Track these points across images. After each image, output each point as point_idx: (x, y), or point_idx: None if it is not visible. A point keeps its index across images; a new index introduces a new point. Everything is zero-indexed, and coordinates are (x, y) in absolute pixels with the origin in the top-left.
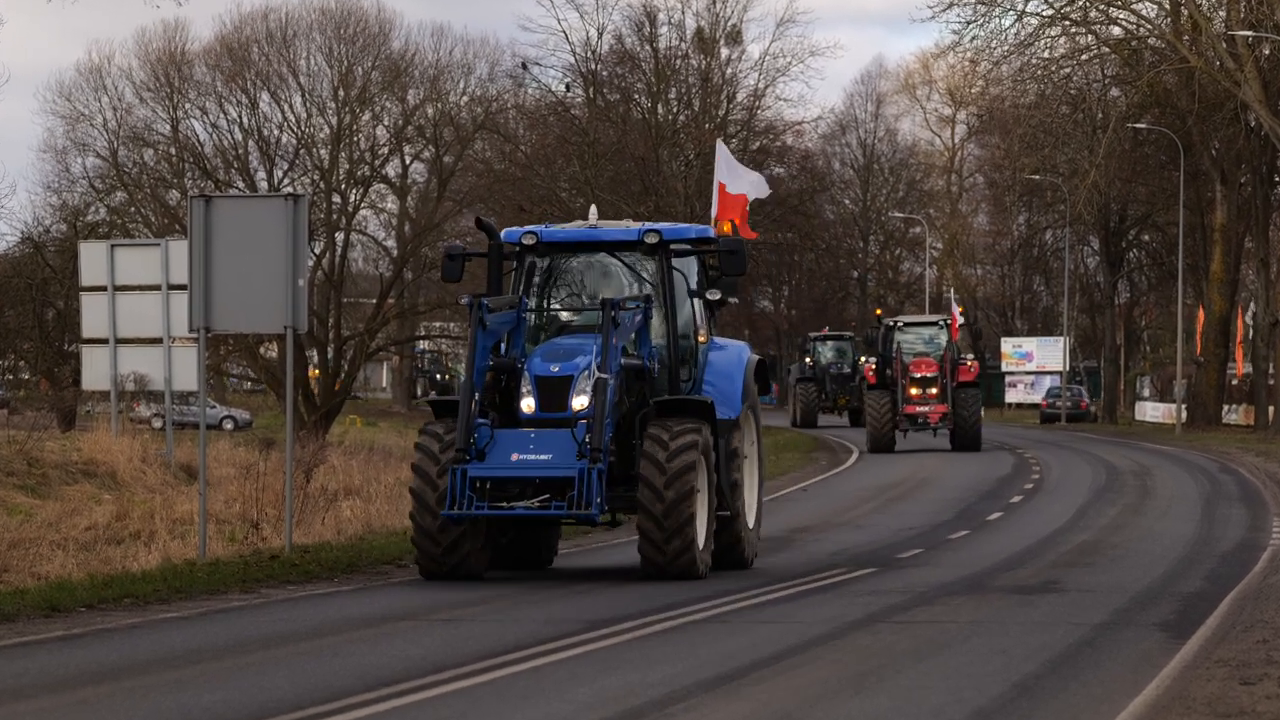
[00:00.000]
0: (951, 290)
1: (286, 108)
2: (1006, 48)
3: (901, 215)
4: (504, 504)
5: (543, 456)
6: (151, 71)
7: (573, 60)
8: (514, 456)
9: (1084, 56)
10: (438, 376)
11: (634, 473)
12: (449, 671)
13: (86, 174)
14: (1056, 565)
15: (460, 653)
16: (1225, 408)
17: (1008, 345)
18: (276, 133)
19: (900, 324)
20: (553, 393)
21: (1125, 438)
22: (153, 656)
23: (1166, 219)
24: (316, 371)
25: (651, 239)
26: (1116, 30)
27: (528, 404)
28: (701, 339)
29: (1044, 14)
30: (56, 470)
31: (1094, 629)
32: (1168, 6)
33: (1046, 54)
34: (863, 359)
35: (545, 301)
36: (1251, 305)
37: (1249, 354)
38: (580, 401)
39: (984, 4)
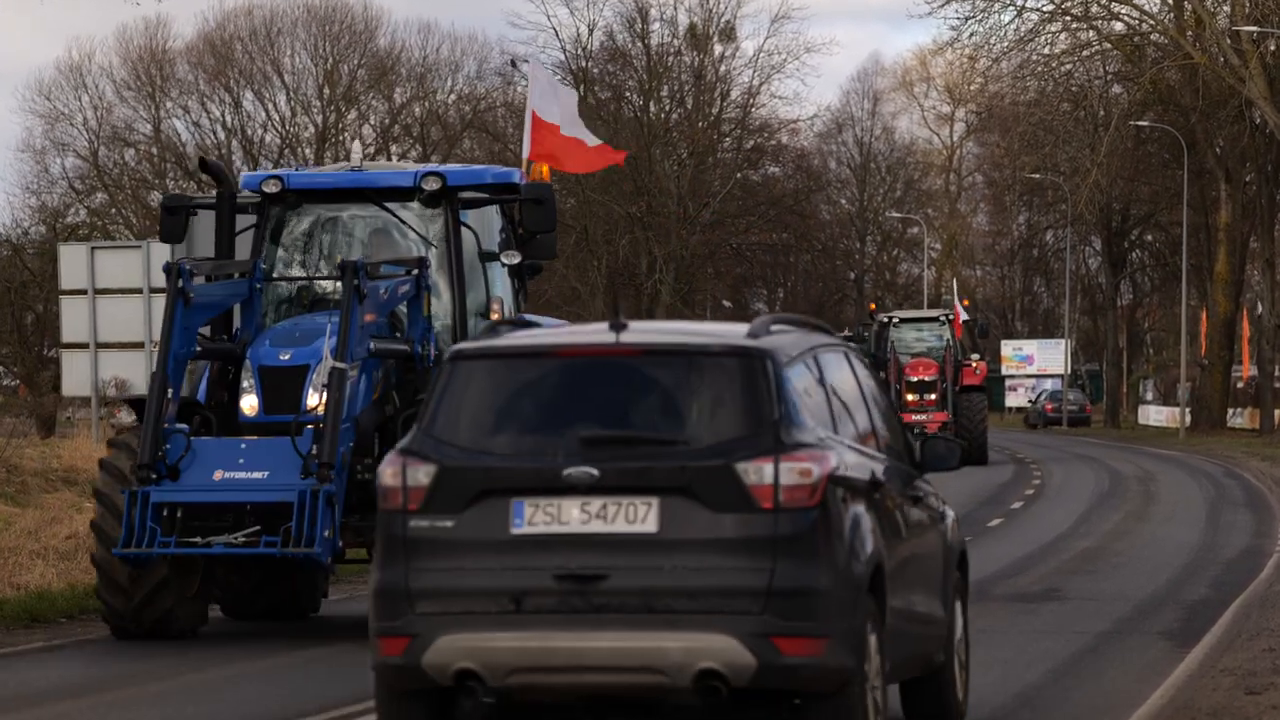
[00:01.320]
0: (954, 282)
1: (270, 106)
2: (1006, 44)
3: (899, 215)
4: (198, 540)
5: (255, 474)
6: (133, 69)
7: (563, 57)
8: (217, 474)
9: (1085, 53)
10: None
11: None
12: None
13: (66, 174)
14: (1058, 572)
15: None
16: (1230, 411)
17: (1008, 348)
18: (260, 132)
19: (896, 320)
20: (282, 388)
21: (1128, 442)
22: (135, 669)
23: (1170, 219)
24: None
25: (431, 184)
26: (1118, 26)
27: (249, 403)
28: (495, 315)
29: (1044, 9)
30: (36, 478)
31: (1097, 637)
32: (1170, 2)
33: (1047, 50)
34: None
35: (287, 268)
36: (1257, 306)
37: (1254, 356)
38: (318, 400)
39: None
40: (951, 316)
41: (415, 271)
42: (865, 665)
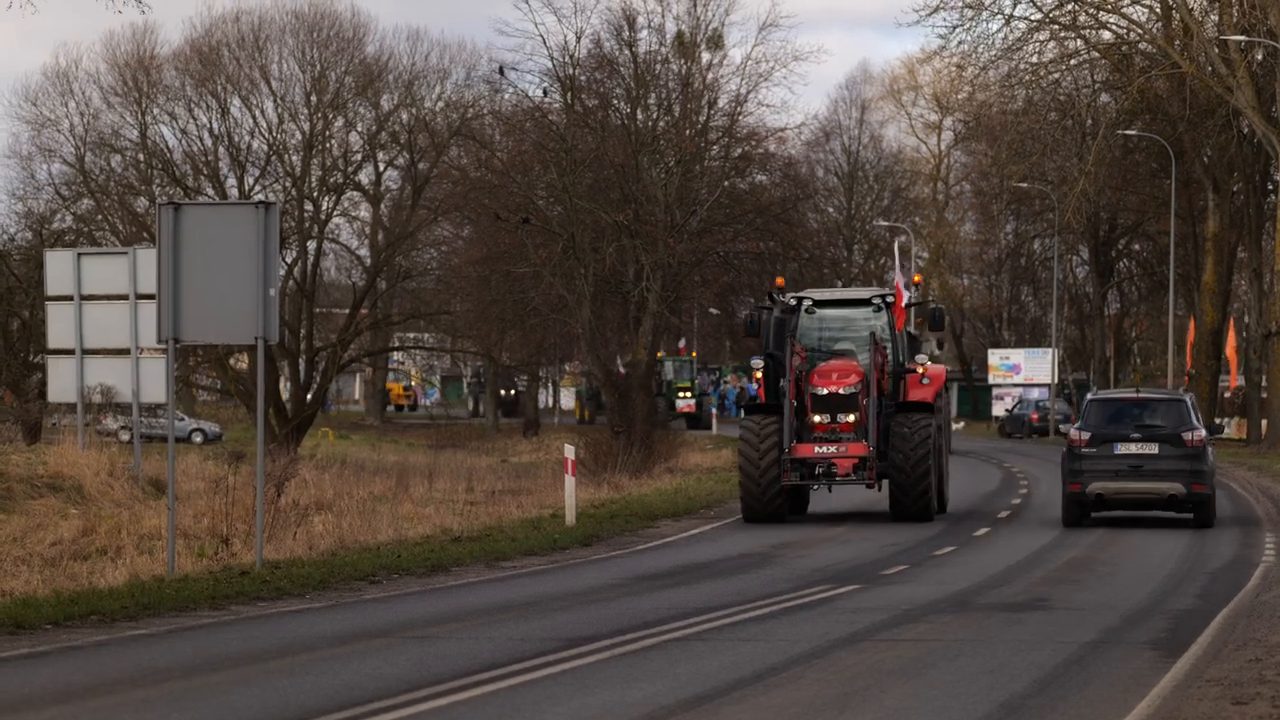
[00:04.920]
0: (896, 247)
1: (258, 113)
2: (994, 53)
3: (886, 224)
4: None
5: None
6: (120, 76)
7: (550, 65)
8: None
9: (1073, 62)
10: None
11: None
12: (423, 690)
13: (52, 180)
14: (1044, 582)
15: (435, 671)
16: (1217, 421)
17: (995, 357)
18: (247, 138)
19: (809, 304)
20: None
21: None
22: (120, 675)
23: (1157, 228)
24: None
25: None
26: (1106, 35)
27: None
28: None
29: (1032, 18)
30: (22, 484)
31: (1083, 647)
32: (1159, 11)
33: (1035, 59)
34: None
35: None
36: (1245, 316)
37: (1241, 366)
38: None
39: (971, 8)
40: (890, 299)
41: None
42: (1214, 494)
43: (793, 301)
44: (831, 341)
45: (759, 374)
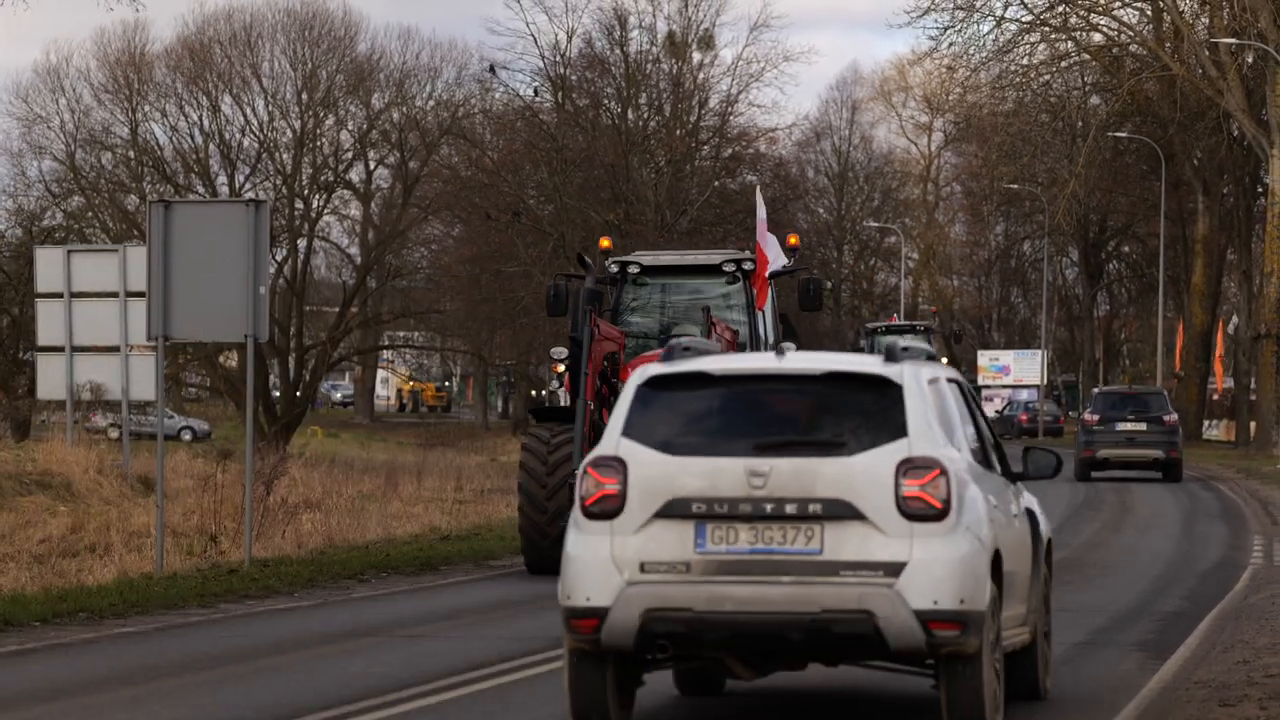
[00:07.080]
0: (758, 194)
1: (249, 111)
2: (985, 54)
3: (877, 225)
4: None
5: None
6: (110, 73)
7: (541, 64)
8: None
9: (1064, 63)
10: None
11: None
12: (412, 689)
13: (43, 177)
14: None
15: (424, 670)
16: (1206, 423)
17: (984, 358)
18: (238, 136)
19: (635, 270)
20: None
21: None
22: (109, 673)
23: (1147, 230)
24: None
25: None
26: (1097, 37)
27: None
28: None
29: (1023, 20)
30: (10, 481)
31: (1072, 649)
32: (1149, 14)
33: (1025, 61)
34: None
35: None
36: (1234, 318)
37: (1229, 368)
38: None
39: (962, 9)
40: (750, 266)
41: None
42: (1182, 458)
43: (614, 268)
44: (673, 322)
45: (560, 367)
